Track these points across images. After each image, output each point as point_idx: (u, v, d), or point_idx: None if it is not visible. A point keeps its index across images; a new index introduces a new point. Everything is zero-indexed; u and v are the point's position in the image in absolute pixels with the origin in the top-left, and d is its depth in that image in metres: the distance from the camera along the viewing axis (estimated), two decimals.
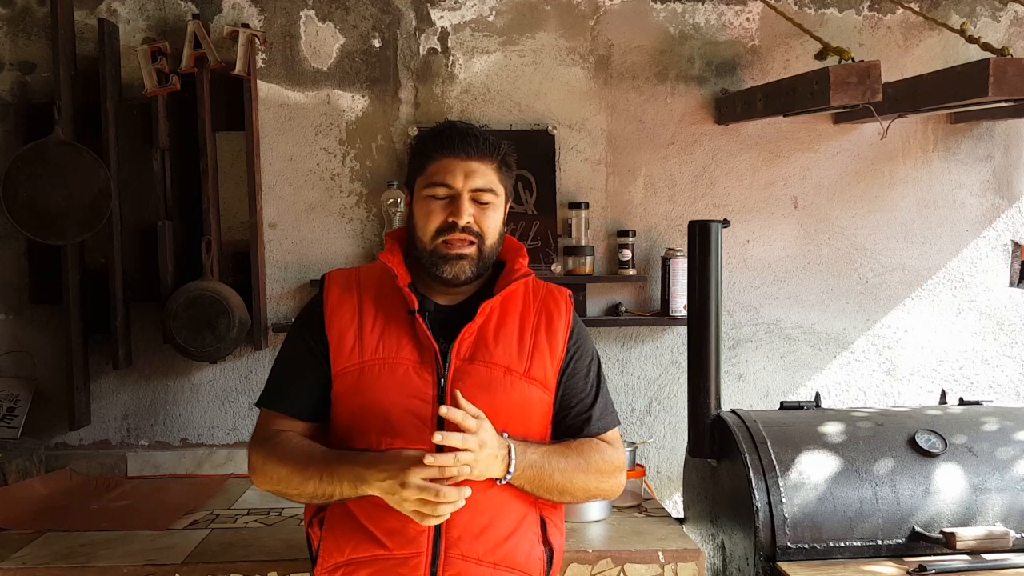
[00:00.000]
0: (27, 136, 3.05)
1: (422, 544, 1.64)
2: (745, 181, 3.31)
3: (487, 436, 1.59)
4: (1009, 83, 2.25)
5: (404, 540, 1.64)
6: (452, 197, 1.71)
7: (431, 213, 1.72)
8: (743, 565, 2.24)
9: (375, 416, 1.67)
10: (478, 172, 1.72)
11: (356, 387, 1.70)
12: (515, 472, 1.64)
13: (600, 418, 1.80)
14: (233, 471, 3.11)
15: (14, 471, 2.80)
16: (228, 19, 3.13)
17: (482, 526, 1.66)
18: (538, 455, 1.68)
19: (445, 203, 1.71)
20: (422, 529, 1.63)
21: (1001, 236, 3.40)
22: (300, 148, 3.20)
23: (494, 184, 1.74)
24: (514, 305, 1.78)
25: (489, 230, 1.73)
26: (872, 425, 2.33)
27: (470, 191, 1.71)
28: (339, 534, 1.69)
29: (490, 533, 1.67)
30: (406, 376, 1.69)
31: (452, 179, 1.70)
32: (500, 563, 1.68)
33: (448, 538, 1.65)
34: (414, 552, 1.64)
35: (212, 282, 3.05)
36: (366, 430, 1.68)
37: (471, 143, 1.72)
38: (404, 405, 1.67)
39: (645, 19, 3.25)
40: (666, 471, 3.32)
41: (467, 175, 1.71)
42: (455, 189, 1.70)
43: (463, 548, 1.65)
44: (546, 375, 1.75)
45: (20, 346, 3.17)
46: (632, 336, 3.32)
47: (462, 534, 1.65)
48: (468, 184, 1.70)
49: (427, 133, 1.81)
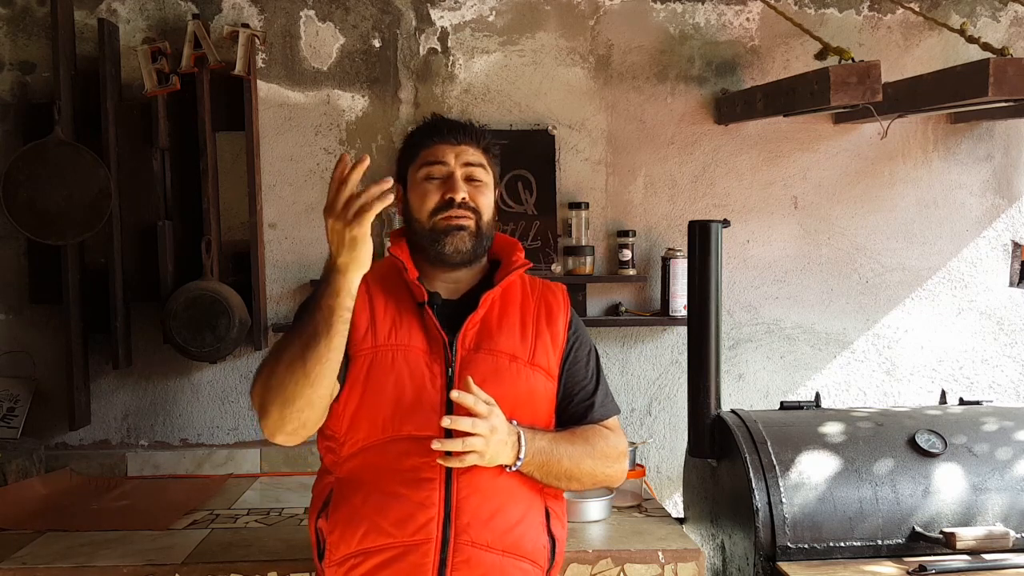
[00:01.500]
0: (27, 136, 3.04)
1: (431, 531, 1.65)
2: (745, 181, 3.31)
3: (498, 422, 1.62)
4: (1009, 83, 2.25)
5: (413, 528, 1.65)
6: (445, 177, 1.77)
7: (427, 194, 1.78)
8: (743, 565, 2.24)
9: (384, 401, 1.69)
10: (468, 152, 1.80)
11: (368, 371, 1.71)
12: (525, 459, 1.67)
13: (602, 405, 1.85)
14: (233, 471, 3.11)
15: (14, 471, 2.80)
16: (228, 19, 3.13)
17: (491, 513, 1.68)
18: (546, 441, 1.71)
19: (439, 183, 1.78)
20: (431, 516, 1.65)
21: (1001, 236, 3.40)
22: (300, 148, 3.20)
23: (484, 163, 1.82)
24: (514, 297, 1.83)
25: (484, 207, 1.80)
26: (872, 425, 2.33)
27: (462, 166, 1.78)
28: (347, 526, 1.70)
29: (498, 520, 1.69)
30: (417, 364, 1.71)
31: (444, 156, 1.78)
32: (508, 550, 1.69)
33: (457, 525, 1.66)
34: (423, 539, 1.65)
35: (212, 282, 3.05)
36: (374, 415, 1.69)
37: (459, 128, 1.82)
38: (414, 392, 1.69)
39: (645, 19, 3.25)
40: (666, 471, 3.32)
41: (458, 154, 1.79)
42: (448, 166, 1.78)
43: (472, 534, 1.67)
44: (549, 363, 1.80)
45: (20, 346, 3.17)
46: (632, 336, 3.32)
47: (471, 520, 1.67)
48: (460, 161, 1.78)
49: (415, 128, 1.90)
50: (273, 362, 1.61)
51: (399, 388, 1.69)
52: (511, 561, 1.70)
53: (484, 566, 1.67)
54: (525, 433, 1.68)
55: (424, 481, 1.66)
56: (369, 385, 1.70)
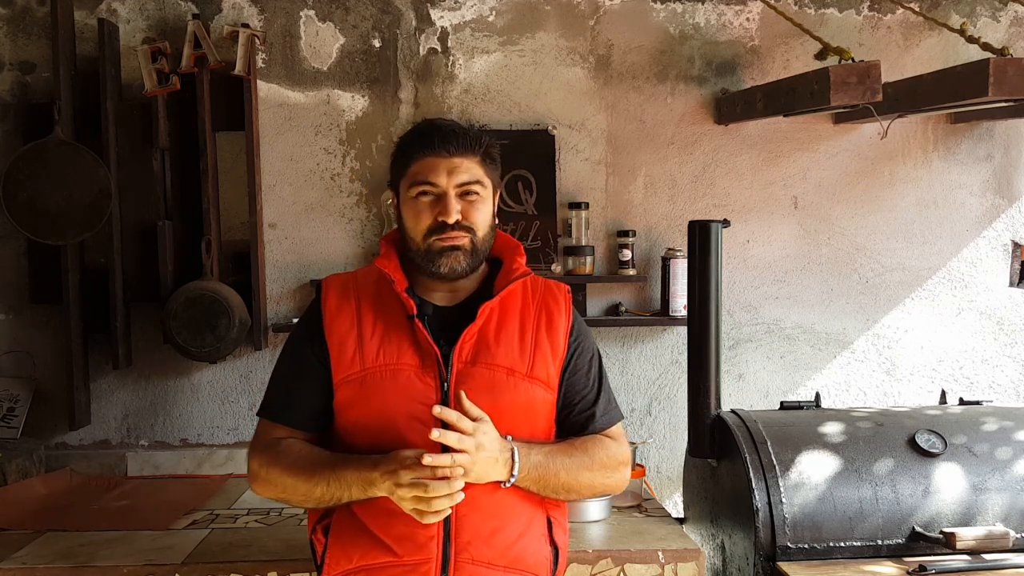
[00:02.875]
0: (27, 136, 3.05)
1: (432, 550, 1.63)
2: (745, 181, 3.31)
3: (485, 439, 1.58)
4: (1009, 83, 2.25)
5: (414, 546, 1.63)
6: (439, 196, 1.70)
7: (419, 214, 1.71)
8: (743, 565, 2.24)
9: (380, 424, 1.66)
10: (461, 167, 1.70)
11: (359, 396, 1.69)
12: (519, 475, 1.63)
13: (604, 414, 1.80)
14: (233, 471, 3.11)
15: (14, 471, 2.80)
16: (228, 19, 3.13)
17: (491, 529, 1.66)
18: (542, 456, 1.67)
19: (432, 202, 1.70)
20: (432, 534, 1.62)
21: (1001, 236, 3.40)
22: (300, 148, 3.20)
23: (479, 177, 1.72)
24: (513, 305, 1.77)
25: (479, 223, 1.72)
26: (872, 425, 2.33)
27: (455, 187, 1.70)
28: (347, 541, 1.68)
29: (499, 536, 1.66)
30: (408, 382, 1.67)
31: (436, 177, 1.70)
32: (510, 566, 1.67)
33: (458, 543, 1.64)
34: (424, 558, 1.63)
35: (212, 282, 3.04)
36: (371, 438, 1.67)
37: (451, 140, 1.71)
38: (408, 411, 1.65)
39: (645, 19, 3.25)
40: (666, 471, 3.32)
41: (451, 172, 1.70)
42: (440, 188, 1.70)
43: (473, 552, 1.64)
44: (549, 374, 1.74)
45: (20, 346, 3.17)
46: (632, 336, 3.32)
47: (472, 538, 1.64)
48: (452, 181, 1.69)
49: (407, 134, 1.80)
50: (287, 484, 1.68)
51: (392, 409, 1.66)
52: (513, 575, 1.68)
53: None
54: (520, 448, 1.63)
55: None
56: (362, 409, 1.69)
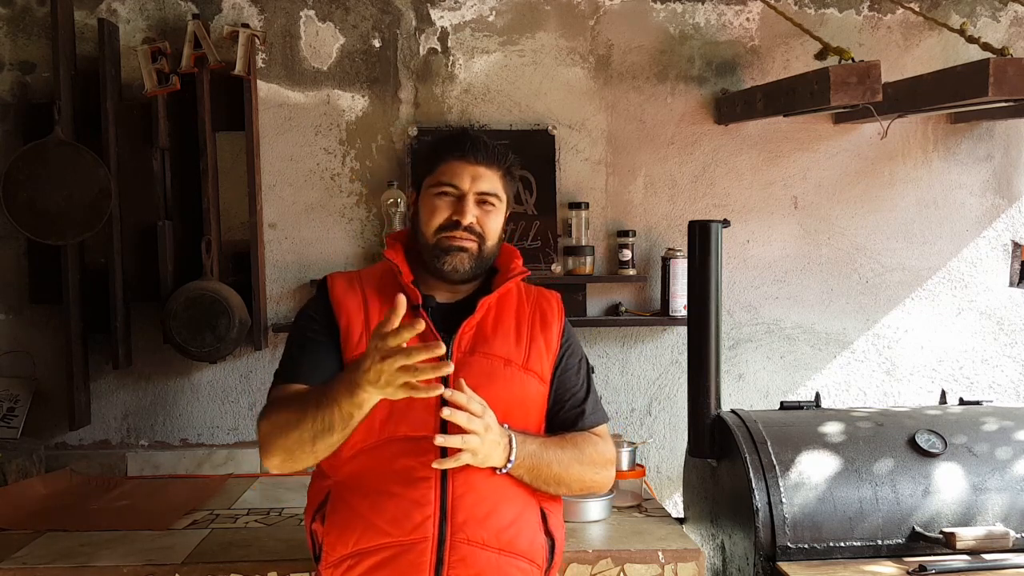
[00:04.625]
0: (27, 136, 3.05)
1: (428, 529, 1.66)
2: (745, 181, 3.31)
3: (491, 421, 1.64)
4: (1009, 83, 2.25)
5: (410, 527, 1.66)
6: (458, 198, 1.80)
7: (436, 210, 1.81)
8: (743, 565, 2.24)
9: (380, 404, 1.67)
10: (485, 177, 1.82)
11: None
12: (515, 461, 1.69)
13: (593, 412, 1.88)
14: (233, 471, 3.11)
15: (14, 471, 2.80)
16: (228, 19, 3.13)
17: (486, 511, 1.69)
18: (536, 445, 1.74)
19: (451, 201, 1.81)
20: (428, 514, 1.66)
21: (1001, 236, 3.40)
22: (300, 148, 3.20)
23: (498, 190, 1.84)
24: (510, 303, 1.87)
25: (490, 232, 1.83)
26: (872, 425, 2.33)
27: (476, 193, 1.81)
28: (343, 527, 1.71)
29: (494, 519, 1.70)
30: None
31: (459, 180, 1.80)
32: (504, 548, 1.70)
33: (454, 523, 1.67)
34: (420, 537, 1.66)
35: (212, 282, 3.04)
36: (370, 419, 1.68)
37: (480, 149, 1.82)
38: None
39: (645, 19, 3.25)
40: (666, 471, 3.32)
41: (474, 178, 1.81)
42: (461, 190, 1.80)
43: (468, 532, 1.68)
44: (543, 368, 1.82)
45: (20, 346, 3.17)
46: (632, 336, 3.32)
47: (467, 519, 1.68)
48: (474, 187, 1.80)
49: (440, 136, 1.93)
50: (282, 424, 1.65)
51: None
52: (507, 559, 1.71)
53: (480, 564, 1.68)
54: (516, 436, 1.71)
55: (419, 480, 1.67)
56: None
